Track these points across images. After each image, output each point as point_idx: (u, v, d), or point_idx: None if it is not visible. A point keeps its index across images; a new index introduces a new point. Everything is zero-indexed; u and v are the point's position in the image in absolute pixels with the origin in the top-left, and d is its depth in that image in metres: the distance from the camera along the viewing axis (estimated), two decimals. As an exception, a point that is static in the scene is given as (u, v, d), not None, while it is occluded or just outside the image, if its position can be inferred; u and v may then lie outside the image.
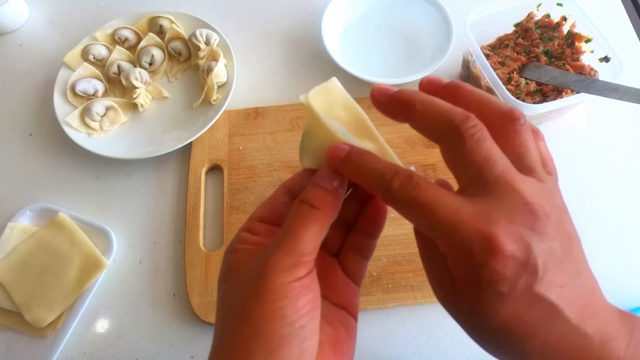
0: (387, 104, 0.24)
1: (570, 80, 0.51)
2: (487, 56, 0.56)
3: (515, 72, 0.55)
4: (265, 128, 0.59)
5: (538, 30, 0.58)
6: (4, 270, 0.51)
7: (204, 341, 0.49)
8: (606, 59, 0.53)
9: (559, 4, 0.56)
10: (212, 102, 0.59)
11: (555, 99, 0.51)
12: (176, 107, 0.62)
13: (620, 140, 0.59)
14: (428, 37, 0.64)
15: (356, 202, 0.29)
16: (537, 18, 0.59)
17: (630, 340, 0.21)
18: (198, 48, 0.62)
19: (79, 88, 0.60)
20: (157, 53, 0.63)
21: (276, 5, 0.72)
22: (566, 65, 0.55)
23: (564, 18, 0.57)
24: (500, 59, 0.57)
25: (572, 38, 0.56)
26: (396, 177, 0.22)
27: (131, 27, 0.66)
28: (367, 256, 0.29)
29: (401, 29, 0.66)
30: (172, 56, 0.65)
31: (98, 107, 0.58)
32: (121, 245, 0.54)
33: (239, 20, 0.70)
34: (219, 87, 0.61)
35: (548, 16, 0.59)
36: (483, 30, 0.59)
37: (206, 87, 0.59)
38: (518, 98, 0.53)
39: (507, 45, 0.58)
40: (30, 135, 0.63)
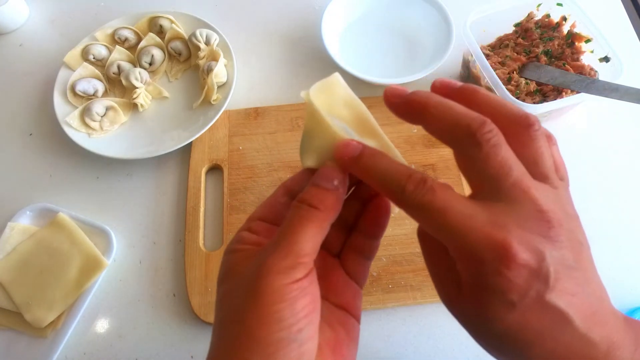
0: (401, 106, 0.23)
1: (570, 80, 0.51)
2: (487, 56, 0.56)
3: (515, 72, 0.55)
4: (265, 128, 0.59)
5: (538, 30, 0.58)
6: (4, 270, 0.51)
7: (204, 341, 0.49)
8: (606, 59, 0.53)
9: (559, 4, 0.56)
10: (212, 102, 0.59)
11: (555, 99, 0.51)
12: (176, 107, 0.62)
13: (620, 140, 0.59)
14: (428, 37, 0.64)
15: (358, 202, 0.29)
16: (537, 18, 0.59)
17: (636, 348, 0.21)
18: (198, 48, 0.62)
19: (79, 88, 0.60)
20: (157, 53, 0.63)
21: (276, 5, 0.72)
22: (566, 65, 0.55)
23: (564, 18, 0.57)
24: (500, 59, 0.57)
25: (572, 38, 0.56)
26: (410, 181, 0.21)
27: (131, 27, 0.66)
28: (370, 257, 0.29)
29: (401, 29, 0.66)
30: (172, 56, 0.65)
31: (98, 107, 0.58)
32: (121, 245, 0.54)
33: (239, 20, 0.70)
34: (219, 87, 0.61)
35: (548, 16, 0.59)
36: (483, 30, 0.59)
37: (206, 87, 0.59)
38: (518, 98, 0.53)
39: (507, 45, 0.58)
40: (30, 135, 0.63)
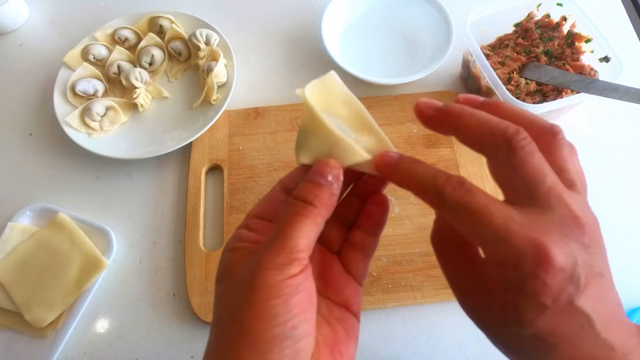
0: (434, 117, 0.24)
1: (570, 80, 0.51)
2: (487, 56, 0.56)
3: (515, 72, 0.55)
4: (265, 128, 0.59)
5: (538, 30, 0.58)
6: (4, 270, 0.51)
7: (204, 341, 0.48)
8: (606, 59, 0.53)
9: (559, 4, 0.56)
10: (212, 102, 0.59)
11: (555, 99, 0.51)
12: (176, 107, 0.62)
13: (620, 140, 0.59)
14: (428, 37, 0.64)
15: (357, 199, 0.29)
16: (537, 18, 0.59)
17: None
18: (198, 48, 0.62)
19: (79, 88, 0.60)
20: (157, 53, 0.63)
21: (276, 5, 0.72)
22: (566, 65, 0.55)
23: (564, 18, 0.57)
24: (500, 59, 0.57)
25: (572, 38, 0.56)
26: (448, 183, 0.22)
27: (131, 27, 0.66)
28: (369, 254, 0.29)
29: (401, 29, 0.66)
30: (172, 56, 0.65)
31: (98, 107, 0.58)
32: (121, 245, 0.54)
33: (239, 20, 0.70)
34: (219, 87, 0.61)
35: (548, 16, 0.59)
36: (483, 30, 0.59)
37: (206, 87, 0.59)
38: (518, 98, 0.53)
39: (507, 45, 0.58)
40: (30, 135, 0.63)
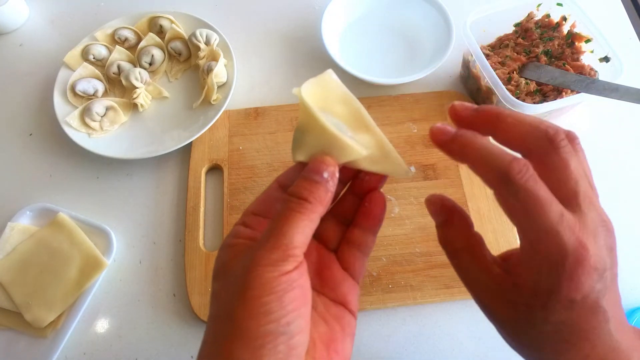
0: (474, 117, 0.24)
1: (570, 80, 0.51)
2: (487, 56, 0.56)
3: (515, 72, 0.55)
4: (265, 128, 0.59)
5: (538, 30, 0.58)
6: (4, 270, 0.51)
7: (204, 341, 0.49)
8: (606, 59, 0.53)
9: (559, 4, 0.56)
10: (212, 102, 0.59)
11: (555, 99, 0.51)
12: (176, 107, 0.62)
13: (620, 140, 0.59)
14: (428, 37, 0.64)
15: (354, 197, 0.29)
16: (537, 18, 0.59)
17: None
18: (198, 48, 0.62)
19: (79, 88, 0.60)
20: (157, 53, 0.63)
21: (276, 5, 0.72)
22: (566, 65, 0.55)
23: (564, 18, 0.57)
24: (500, 59, 0.57)
25: (572, 38, 0.56)
26: (515, 164, 0.21)
27: (131, 27, 0.66)
28: (366, 251, 0.29)
29: (401, 29, 0.66)
30: (172, 56, 0.65)
31: (98, 107, 0.58)
32: (121, 245, 0.54)
33: (239, 20, 0.70)
34: (219, 87, 0.61)
35: (548, 16, 0.58)
36: (483, 30, 0.59)
37: (206, 87, 0.59)
38: (518, 98, 0.53)
39: (507, 45, 0.58)
40: (30, 135, 0.63)
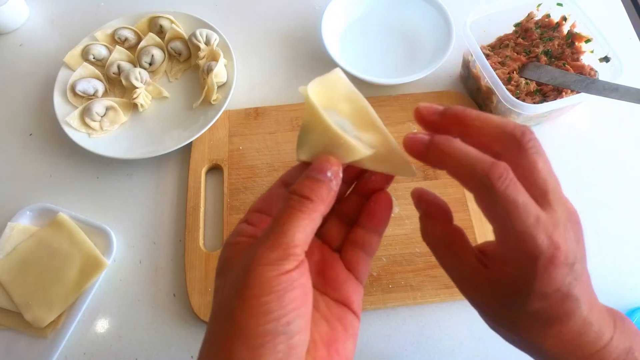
0: (441, 120, 0.25)
1: (570, 80, 0.51)
2: (487, 56, 0.56)
3: (515, 72, 0.55)
4: (265, 128, 0.59)
5: (538, 30, 0.58)
6: (4, 270, 0.51)
7: (204, 341, 0.49)
8: (606, 59, 0.53)
9: (559, 4, 0.56)
10: (212, 102, 0.59)
11: (555, 99, 0.51)
12: (176, 107, 0.62)
13: (620, 140, 0.59)
14: (428, 37, 0.64)
15: (359, 197, 0.29)
16: (537, 18, 0.59)
17: (614, 329, 0.25)
18: (198, 48, 0.62)
19: (79, 88, 0.60)
20: (157, 53, 0.63)
21: (276, 5, 0.72)
22: (566, 65, 0.55)
23: (564, 18, 0.57)
24: (500, 59, 0.57)
25: (572, 38, 0.56)
26: (495, 167, 0.22)
27: (131, 27, 0.66)
28: (371, 252, 0.28)
29: (401, 29, 0.66)
30: (172, 56, 0.65)
31: (98, 107, 0.58)
32: (121, 245, 0.54)
33: (239, 20, 0.70)
34: (219, 87, 0.61)
35: (548, 16, 0.59)
36: (483, 30, 0.59)
37: (206, 87, 0.59)
38: (518, 98, 0.53)
39: (507, 45, 0.58)
40: (30, 135, 0.63)
